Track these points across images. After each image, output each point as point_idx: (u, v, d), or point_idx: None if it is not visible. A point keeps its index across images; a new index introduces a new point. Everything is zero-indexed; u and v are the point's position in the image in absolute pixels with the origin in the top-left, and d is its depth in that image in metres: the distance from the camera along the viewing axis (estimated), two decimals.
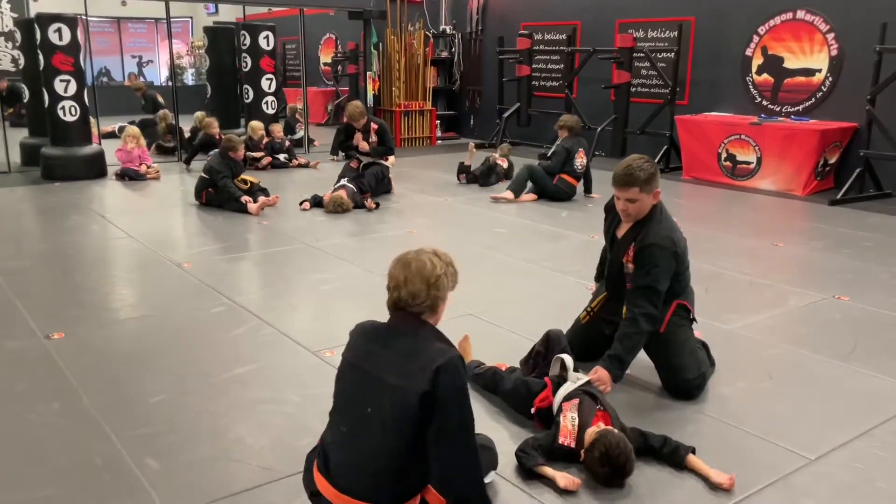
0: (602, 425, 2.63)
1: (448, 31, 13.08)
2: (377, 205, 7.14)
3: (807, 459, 2.74)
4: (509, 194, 7.53)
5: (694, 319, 3.36)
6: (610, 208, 3.38)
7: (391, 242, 5.99)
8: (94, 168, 8.64)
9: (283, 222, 6.56)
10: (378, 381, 2.07)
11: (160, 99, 12.60)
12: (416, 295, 2.11)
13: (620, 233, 3.28)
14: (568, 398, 2.82)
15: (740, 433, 2.92)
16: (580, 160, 7.54)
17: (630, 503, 2.48)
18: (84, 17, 9.12)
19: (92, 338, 3.86)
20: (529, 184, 7.64)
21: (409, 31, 12.00)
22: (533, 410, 2.90)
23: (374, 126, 7.66)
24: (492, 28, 12.45)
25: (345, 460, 2.11)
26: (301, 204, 7.10)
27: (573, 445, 2.64)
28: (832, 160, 8.15)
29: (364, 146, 7.57)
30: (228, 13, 17.06)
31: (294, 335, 3.88)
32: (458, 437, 2.04)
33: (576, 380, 2.91)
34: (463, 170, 8.53)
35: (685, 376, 3.14)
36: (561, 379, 2.96)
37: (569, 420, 2.70)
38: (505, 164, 8.75)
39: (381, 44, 11.84)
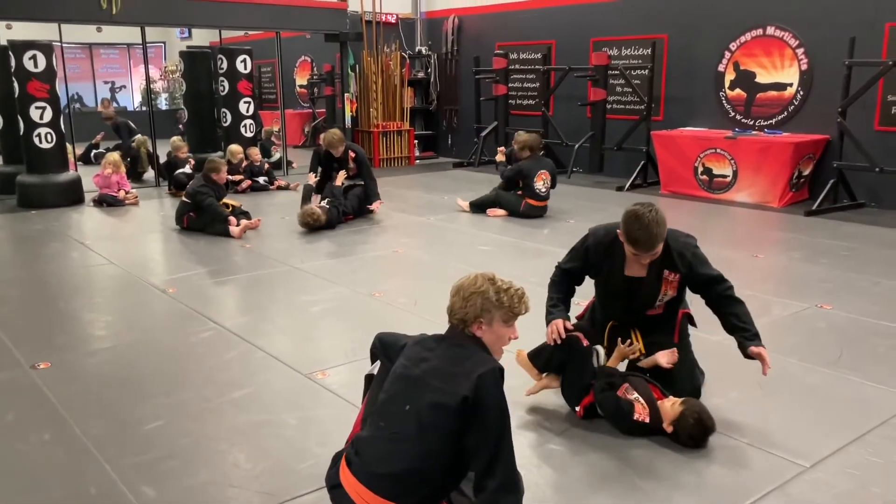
0: (672, 398, 3.01)
1: (424, 51, 13.18)
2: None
3: (802, 467, 2.77)
4: (465, 204, 7.90)
5: (694, 325, 3.42)
6: (601, 261, 3.23)
7: (377, 262, 5.99)
8: (72, 195, 8.55)
9: (266, 245, 6.53)
10: (420, 383, 2.19)
11: (132, 125, 12.51)
12: (453, 306, 2.31)
13: (639, 272, 3.18)
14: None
15: (735, 443, 2.95)
16: (541, 183, 7.50)
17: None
18: (59, 43, 9.06)
19: (79, 366, 3.80)
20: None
21: (385, 53, 12.07)
22: (581, 409, 3.13)
23: (351, 154, 7.61)
24: (467, 48, 12.56)
25: (376, 455, 2.19)
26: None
27: (647, 420, 2.95)
28: (806, 172, 8.31)
29: (340, 179, 7.51)
30: (202, 37, 17.05)
31: (286, 358, 3.85)
32: (498, 446, 2.12)
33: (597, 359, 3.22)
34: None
35: (684, 386, 3.16)
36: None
37: (634, 399, 3.01)
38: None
39: (357, 65, 11.89)
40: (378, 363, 2.56)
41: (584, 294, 3.60)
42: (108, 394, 3.46)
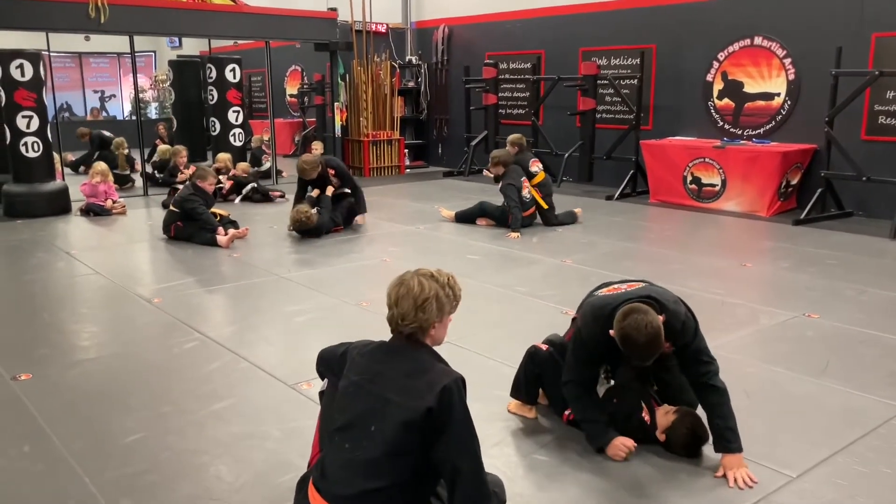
0: (666, 406, 3.01)
1: (414, 61, 13.20)
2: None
3: (788, 477, 2.76)
4: (449, 214, 7.90)
5: None
6: (604, 354, 2.97)
7: (364, 271, 5.97)
8: (58, 204, 8.48)
9: (253, 254, 6.50)
10: (383, 400, 2.14)
11: (107, 134, 12.48)
12: (405, 316, 2.20)
13: None
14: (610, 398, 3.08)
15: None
16: (526, 191, 7.47)
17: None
18: (47, 52, 9.03)
19: (61, 378, 3.75)
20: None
21: (376, 62, 12.08)
22: (569, 418, 3.12)
23: (331, 171, 7.48)
24: (457, 58, 12.59)
25: (344, 477, 2.14)
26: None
27: (649, 422, 2.95)
28: (794, 181, 8.34)
29: (331, 190, 7.45)
30: (192, 47, 17.03)
31: (270, 369, 3.82)
32: (466, 457, 2.10)
33: (603, 383, 3.13)
34: None
35: (678, 399, 3.13)
36: None
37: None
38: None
39: (347, 75, 11.89)
40: (326, 380, 2.53)
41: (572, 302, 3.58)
42: (90, 406, 3.41)
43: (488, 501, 2.17)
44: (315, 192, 7.42)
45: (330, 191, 7.40)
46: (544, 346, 3.22)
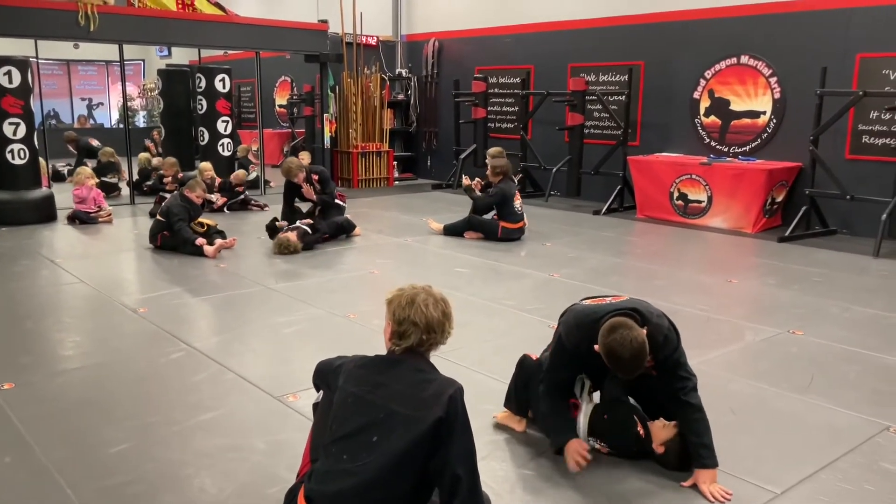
0: (663, 420, 2.98)
1: (404, 74, 13.24)
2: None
3: (773, 494, 2.77)
4: (438, 227, 7.91)
5: None
6: (586, 362, 2.95)
7: (352, 283, 5.96)
8: (44, 212, 8.43)
9: (240, 265, 6.47)
10: (386, 411, 2.14)
11: (94, 143, 12.42)
12: (421, 341, 2.25)
13: None
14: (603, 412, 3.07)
15: None
16: (518, 202, 7.57)
17: None
18: (35, 59, 8.99)
19: (44, 387, 3.72)
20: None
21: (366, 74, 12.11)
22: None
23: (315, 176, 7.55)
24: (447, 71, 12.65)
25: (344, 489, 2.13)
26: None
27: (643, 435, 2.95)
28: (779, 198, 8.42)
29: (310, 193, 7.43)
30: (181, 55, 17.00)
31: (256, 380, 3.80)
32: (466, 464, 2.13)
33: (590, 400, 3.11)
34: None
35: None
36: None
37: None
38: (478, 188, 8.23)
39: (337, 86, 11.91)
40: (321, 392, 2.53)
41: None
42: (73, 416, 3.38)
43: None
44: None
45: (308, 192, 7.39)
46: (534, 356, 3.24)
